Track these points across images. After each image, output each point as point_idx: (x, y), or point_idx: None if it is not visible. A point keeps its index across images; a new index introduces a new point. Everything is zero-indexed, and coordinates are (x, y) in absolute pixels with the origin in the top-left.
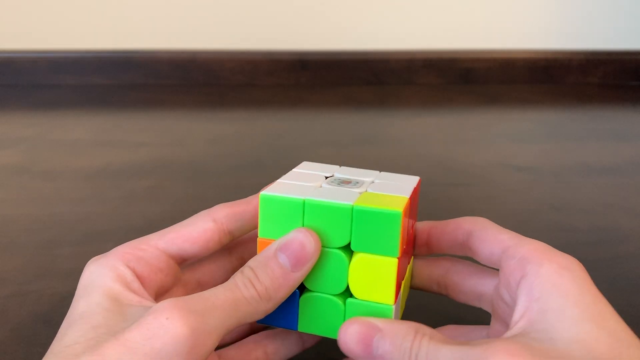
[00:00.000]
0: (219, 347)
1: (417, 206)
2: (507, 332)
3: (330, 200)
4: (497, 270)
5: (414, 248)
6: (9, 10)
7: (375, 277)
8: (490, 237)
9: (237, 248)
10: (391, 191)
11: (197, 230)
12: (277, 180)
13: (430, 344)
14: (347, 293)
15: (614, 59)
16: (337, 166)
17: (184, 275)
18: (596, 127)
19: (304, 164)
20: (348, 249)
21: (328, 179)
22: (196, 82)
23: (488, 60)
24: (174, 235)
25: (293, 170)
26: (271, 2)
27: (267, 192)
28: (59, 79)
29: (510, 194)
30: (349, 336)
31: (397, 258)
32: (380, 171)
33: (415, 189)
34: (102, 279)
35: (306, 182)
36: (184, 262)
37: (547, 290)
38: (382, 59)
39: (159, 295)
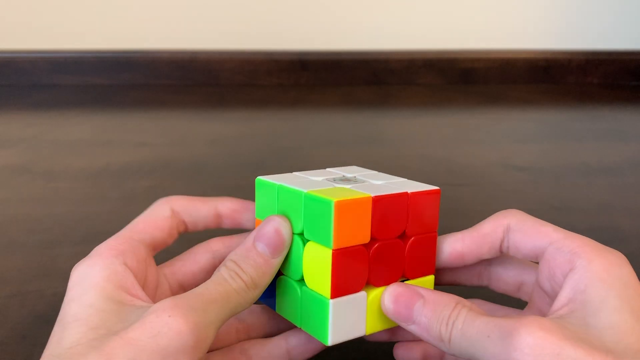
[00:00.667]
0: None
1: (436, 220)
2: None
3: (292, 187)
4: (535, 262)
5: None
6: (9, 10)
7: (317, 266)
8: (533, 230)
9: (219, 250)
10: (368, 190)
11: (161, 218)
12: (295, 172)
13: (469, 314)
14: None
15: (614, 59)
16: (375, 171)
17: (166, 278)
18: (596, 127)
19: (352, 167)
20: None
21: (338, 177)
22: (196, 82)
23: (488, 60)
24: (143, 225)
25: (328, 168)
26: (271, 2)
27: (262, 177)
28: (59, 79)
29: (510, 194)
30: (393, 298)
31: (331, 250)
32: (407, 179)
33: (405, 194)
34: (93, 279)
35: (312, 177)
36: (154, 251)
37: (593, 284)
38: (382, 59)
39: (148, 285)
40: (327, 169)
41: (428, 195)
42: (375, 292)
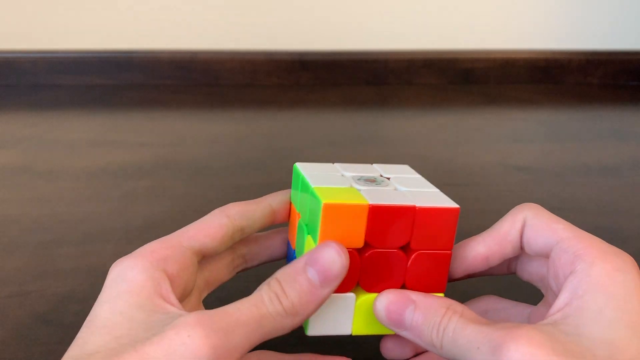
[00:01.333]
0: None
1: (451, 238)
2: (540, 322)
3: (308, 178)
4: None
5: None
6: (9, 10)
7: None
8: (544, 227)
9: (240, 247)
10: (377, 196)
11: (214, 226)
12: (336, 163)
13: (459, 321)
14: None
15: (614, 59)
16: (420, 177)
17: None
18: (596, 127)
19: (403, 167)
20: None
21: (366, 176)
22: (196, 82)
23: (488, 60)
24: (194, 232)
25: (375, 164)
26: (271, 2)
27: (298, 163)
28: (59, 79)
29: (510, 194)
30: (384, 304)
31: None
32: (439, 190)
33: (412, 208)
34: (129, 284)
35: (344, 171)
36: (203, 259)
37: (592, 290)
38: (382, 59)
39: (185, 293)
40: (374, 165)
41: (441, 212)
42: (367, 296)
